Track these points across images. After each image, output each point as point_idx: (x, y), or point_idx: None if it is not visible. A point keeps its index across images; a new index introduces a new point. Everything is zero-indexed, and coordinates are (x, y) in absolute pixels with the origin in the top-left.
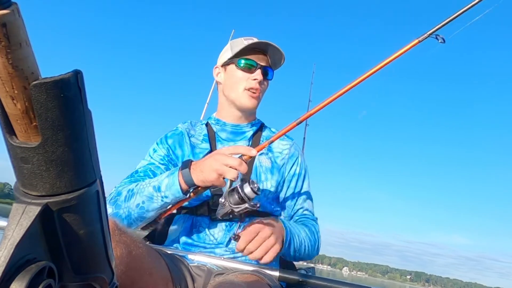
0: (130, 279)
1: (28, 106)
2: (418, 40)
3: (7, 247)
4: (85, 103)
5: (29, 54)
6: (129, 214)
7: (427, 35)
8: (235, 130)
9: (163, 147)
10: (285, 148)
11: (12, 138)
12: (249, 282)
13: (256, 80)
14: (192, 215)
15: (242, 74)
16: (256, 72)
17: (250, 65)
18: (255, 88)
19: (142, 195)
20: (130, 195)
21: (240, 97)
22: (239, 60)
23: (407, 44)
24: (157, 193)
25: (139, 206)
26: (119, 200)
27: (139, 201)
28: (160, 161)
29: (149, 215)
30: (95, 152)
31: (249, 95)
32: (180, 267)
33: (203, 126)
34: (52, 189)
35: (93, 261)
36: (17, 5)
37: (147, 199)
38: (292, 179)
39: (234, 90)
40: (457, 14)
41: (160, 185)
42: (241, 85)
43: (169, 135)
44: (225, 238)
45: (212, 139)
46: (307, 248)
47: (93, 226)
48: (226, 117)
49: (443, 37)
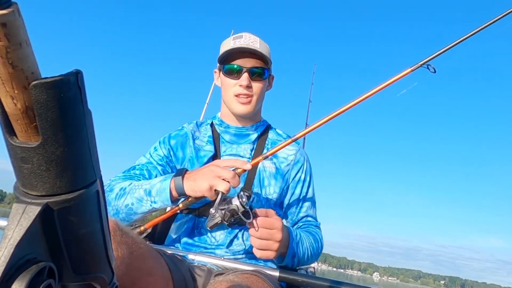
0: (131, 279)
1: (28, 106)
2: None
3: (7, 247)
4: (85, 103)
5: (29, 54)
6: (117, 212)
7: (419, 65)
8: (239, 133)
9: (164, 147)
10: (290, 153)
11: (12, 138)
12: (249, 282)
13: (242, 86)
14: (195, 216)
15: (229, 80)
16: (242, 77)
17: (234, 70)
18: (242, 94)
19: (132, 196)
20: (121, 194)
21: (231, 104)
22: (224, 67)
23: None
24: (147, 197)
25: (128, 207)
26: (110, 197)
27: (129, 202)
28: (158, 161)
29: (135, 217)
30: (95, 152)
31: (238, 101)
32: (180, 267)
33: (208, 126)
34: (52, 189)
35: (93, 261)
36: (17, 5)
37: (136, 201)
38: (296, 185)
39: (226, 96)
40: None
41: (151, 190)
42: (231, 91)
43: (173, 135)
44: (226, 239)
45: (217, 141)
46: (309, 257)
47: (93, 226)
48: (228, 120)
49: (434, 67)
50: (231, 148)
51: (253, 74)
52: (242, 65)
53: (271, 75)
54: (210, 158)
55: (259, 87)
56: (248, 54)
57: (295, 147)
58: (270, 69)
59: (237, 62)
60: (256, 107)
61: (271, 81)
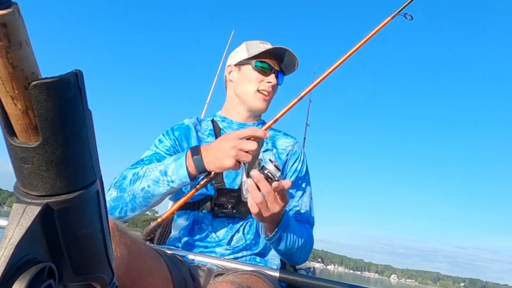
0: (131, 280)
1: (28, 106)
2: (391, 17)
3: (7, 247)
4: (85, 103)
5: (29, 54)
6: (134, 197)
7: (396, 13)
8: (241, 128)
9: (169, 138)
10: (288, 145)
11: (12, 138)
12: (250, 283)
13: (270, 83)
14: (194, 211)
15: (256, 75)
16: (270, 76)
17: (266, 68)
18: (267, 91)
19: (148, 178)
20: (135, 178)
21: (252, 98)
22: (256, 62)
23: (380, 23)
24: (163, 177)
25: (144, 189)
26: (124, 184)
27: (145, 184)
28: (165, 152)
29: (154, 200)
30: (95, 152)
31: (261, 97)
32: (180, 267)
33: (209, 122)
34: (52, 189)
35: (93, 261)
36: (17, 5)
37: (153, 183)
38: (292, 175)
39: (247, 90)
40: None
41: (167, 169)
42: (255, 86)
43: (176, 128)
44: (228, 234)
45: (218, 135)
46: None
47: (93, 226)
48: (233, 115)
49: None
50: None
51: (278, 77)
52: (272, 66)
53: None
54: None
55: (276, 90)
56: (276, 58)
57: (292, 140)
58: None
59: (269, 61)
60: (268, 107)
61: None
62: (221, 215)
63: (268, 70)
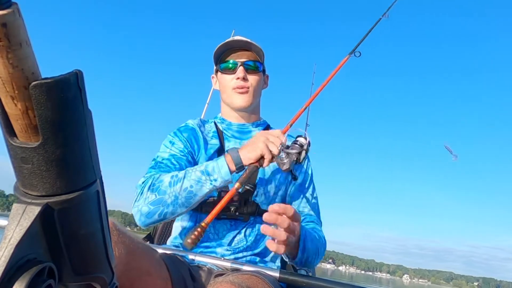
0: (130, 280)
1: (28, 106)
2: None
3: (8, 247)
4: (85, 103)
5: (30, 54)
6: (176, 198)
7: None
8: (241, 129)
9: (180, 140)
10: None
11: (12, 138)
12: (250, 283)
13: (239, 78)
14: (197, 212)
15: (226, 77)
16: (237, 71)
17: (229, 66)
18: (239, 86)
19: (189, 179)
20: (176, 180)
21: (231, 98)
22: (221, 65)
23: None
24: (205, 176)
25: (187, 190)
26: (163, 186)
27: (187, 185)
28: (180, 153)
29: (195, 200)
30: (95, 152)
31: (237, 92)
32: (179, 267)
33: (212, 124)
34: (52, 189)
35: (93, 261)
36: (17, 5)
37: (195, 183)
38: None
39: (226, 93)
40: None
41: (208, 169)
42: (229, 87)
43: (182, 129)
44: (229, 235)
45: (221, 136)
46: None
47: (93, 226)
48: (230, 118)
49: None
50: (234, 143)
51: (248, 67)
52: (236, 60)
53: (266, 74)
54: (215, 151)
55: (255, 79)
56: (241, 50)
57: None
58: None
59: (231, 58)
60: (254, 99)
61: (267, 80)
62: (223, 217)
63: (232, 67)
